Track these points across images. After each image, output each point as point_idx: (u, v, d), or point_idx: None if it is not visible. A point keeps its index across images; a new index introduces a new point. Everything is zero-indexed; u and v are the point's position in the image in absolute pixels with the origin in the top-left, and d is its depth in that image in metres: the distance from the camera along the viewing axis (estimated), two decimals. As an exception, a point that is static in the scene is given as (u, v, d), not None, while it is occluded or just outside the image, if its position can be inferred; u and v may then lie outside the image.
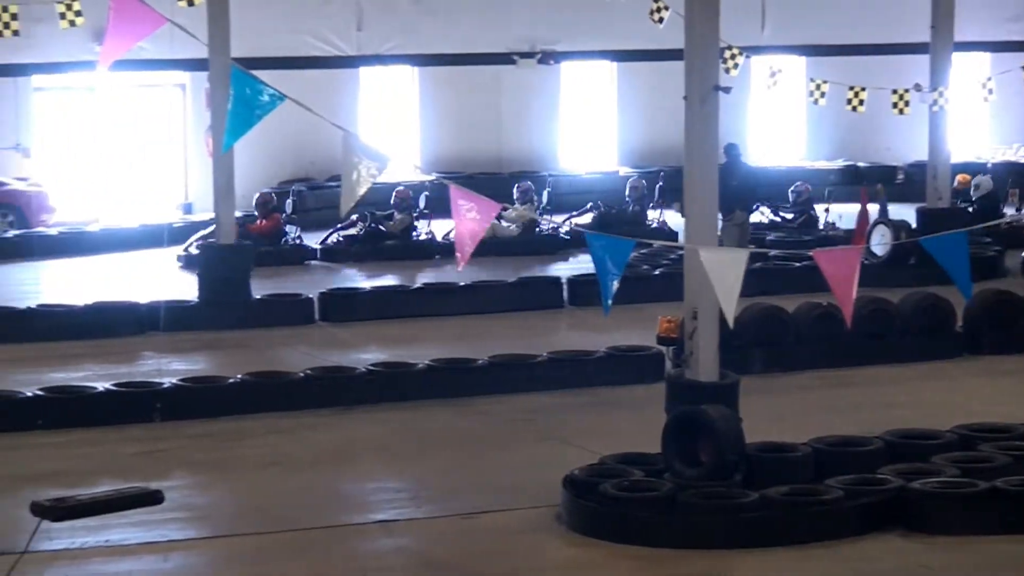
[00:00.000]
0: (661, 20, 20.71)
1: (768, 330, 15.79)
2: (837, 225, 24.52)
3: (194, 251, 22.05)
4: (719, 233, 13.67)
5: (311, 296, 19.02)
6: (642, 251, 21.26)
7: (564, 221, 24.79)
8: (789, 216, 25.28)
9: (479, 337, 17.30)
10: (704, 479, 10.72)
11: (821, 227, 24.67)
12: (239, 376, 14.55)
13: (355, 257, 23.64)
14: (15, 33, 19.51)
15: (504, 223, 24.17)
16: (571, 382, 15.00)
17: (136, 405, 13.84)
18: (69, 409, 13.67)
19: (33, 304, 18.67)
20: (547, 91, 30.79)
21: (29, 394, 13.81)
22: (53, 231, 25.43)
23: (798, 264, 19.60)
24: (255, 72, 9.69)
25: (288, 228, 23.97)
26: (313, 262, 23.52)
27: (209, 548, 10.51)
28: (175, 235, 24.57)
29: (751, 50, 22.10)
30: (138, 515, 10.43)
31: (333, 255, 23.85)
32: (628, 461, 11.26)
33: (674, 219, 23.82)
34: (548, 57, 29.87)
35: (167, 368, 15.86)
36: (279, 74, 20.03)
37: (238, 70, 9.68)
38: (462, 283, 19.52)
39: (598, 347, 15.62)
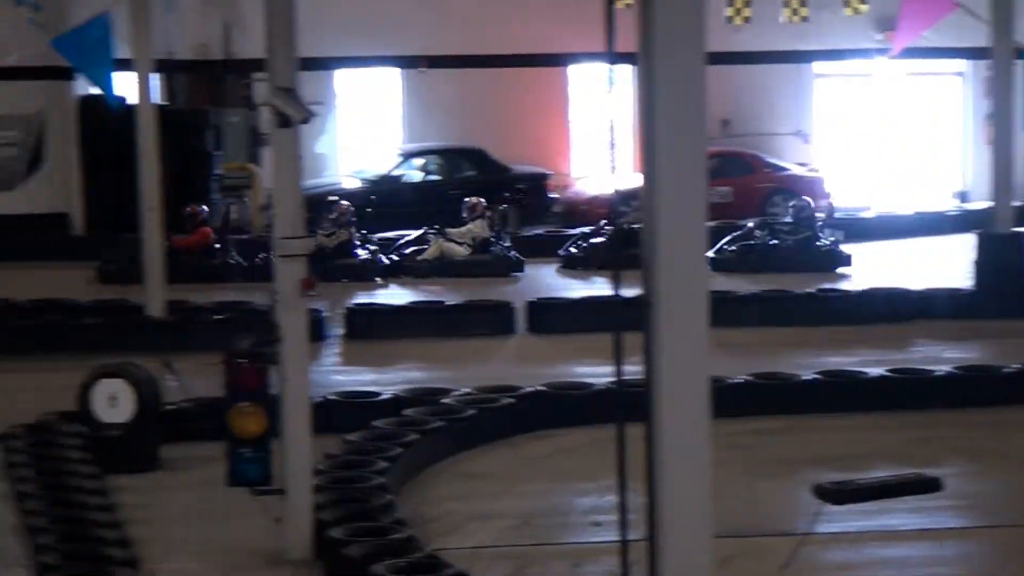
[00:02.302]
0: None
1: None
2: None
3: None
4: None
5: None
6: None
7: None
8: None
9: None
10: None
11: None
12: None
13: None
14: (804, 19, 20.01)
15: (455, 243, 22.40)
16: None
17: (910, 392, 13.91)
18: (844, 393, 13.90)
19: (812, 289, 19.16)
20: None
21: (810, 377, 14.18)
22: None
23: None
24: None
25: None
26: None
27: (985, 537, 10.42)
28: (952, 223, 24.44)
29: None
30: (914, 501, 10.44)
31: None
32: None
33: None
34: None
35: (941, 356, 15.82)
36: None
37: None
38: None
39: None
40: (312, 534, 9.54)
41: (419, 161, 28.14)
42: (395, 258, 22.60)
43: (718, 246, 22.39)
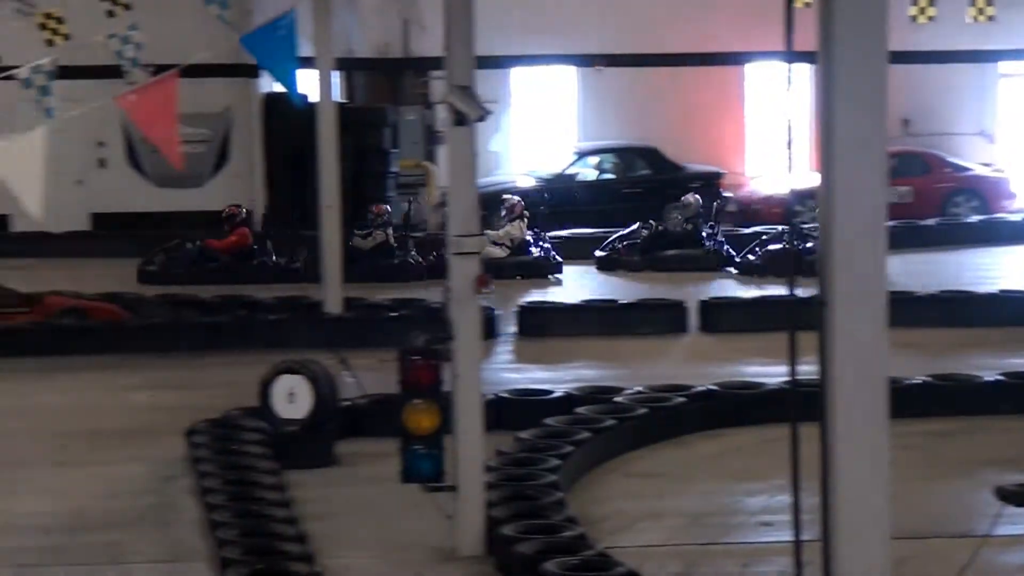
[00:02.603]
0: None
1: None
2: None
3: None
4: None
5: None
6: None
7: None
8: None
9: None
10: None
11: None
12: None
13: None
14: (990, 19, 19.66)
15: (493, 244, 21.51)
16: None
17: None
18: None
19: (995, 289, 18.80)
20: None
21: (990, 378, 13.91)
22: (1015, 217, 25.51)
23: None
24: None
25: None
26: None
27: None
28: None
29: None
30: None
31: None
32: None
33: None
34: None
35: None
36: None
37: None
38: None
39: None
40: (483, 531, 9.59)
41: (593, 160, 28.14)
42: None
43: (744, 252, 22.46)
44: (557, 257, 22.62)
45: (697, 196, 23.49)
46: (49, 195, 8.86)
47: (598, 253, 22.84)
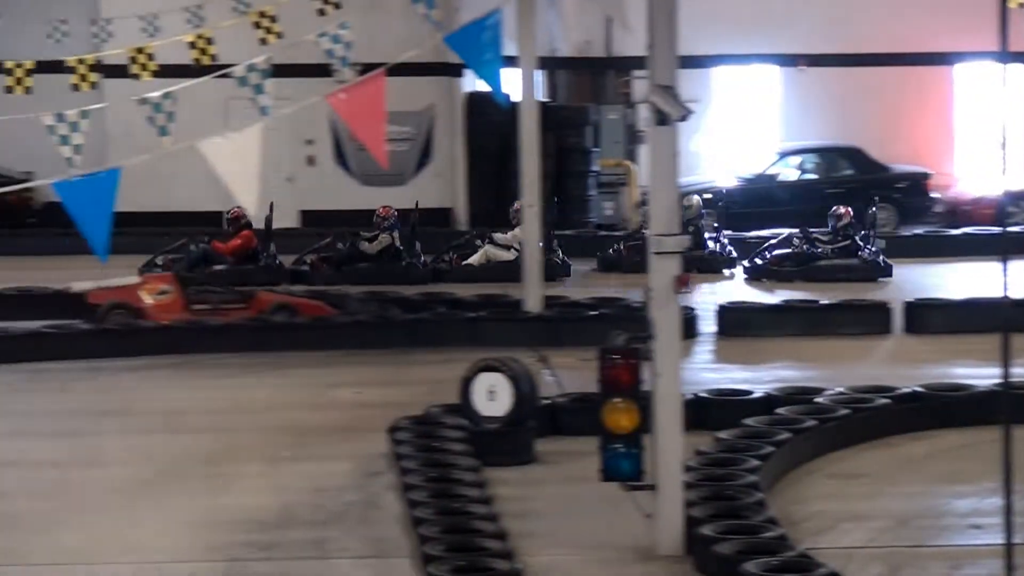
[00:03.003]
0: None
1: None
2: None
3: None
4: None
5: None
6: None
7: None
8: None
9: None
10: None
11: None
12: None
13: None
14: None
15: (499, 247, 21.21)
16: None
17: None
18: None
19: None
20: None
21: None
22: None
23: None
24: None
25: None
26: None
27: None
28: None
29: None
30: None
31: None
32: None
33: None
34: None
35: None
36: None
37: None
38: None
39: None
40: (683, 530, 9.57)
41: (795, 160, 27.90)
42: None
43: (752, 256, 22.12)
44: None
45: (698, 197, 23.17)
46: (262, 192, 9.05)
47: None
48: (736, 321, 17.70)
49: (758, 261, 22.21)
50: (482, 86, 24.03)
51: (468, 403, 12.01)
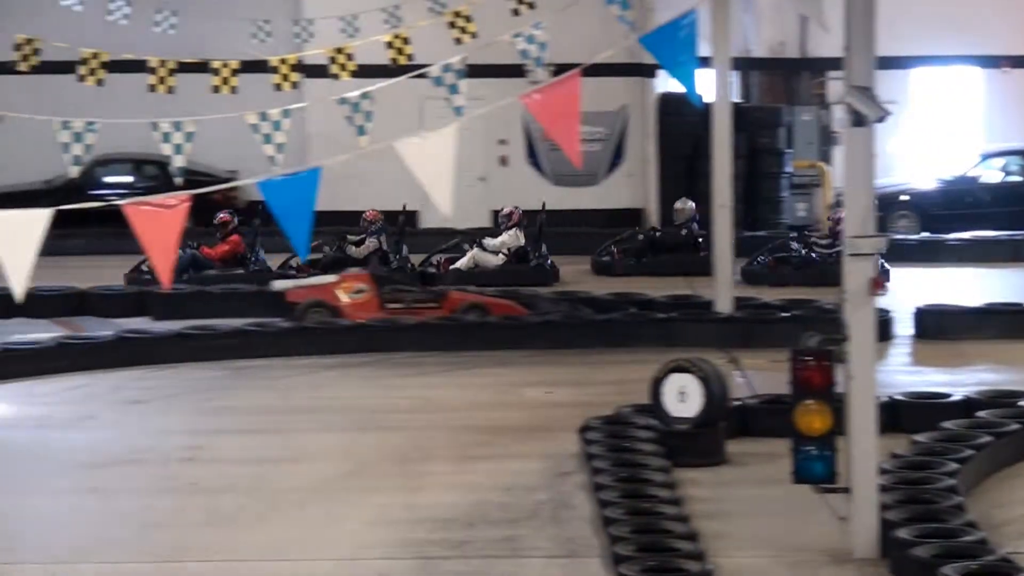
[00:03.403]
0: None
1: None
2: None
3: None
4: None
5: None
6: None
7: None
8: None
9: None
10: None
11: None
12: None
13: None
14: None
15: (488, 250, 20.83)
16: None
17: None
18: None
19: None
20: None
21: None
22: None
23: None
24: None
25: None
26: None
27: None
28: None
29: None
30: None
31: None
32: None
33: None
34: None
35: None
36: None
37: None
38: None
39: None
40: (878, 533, 9.46)
41: (998, 162, 27.38)
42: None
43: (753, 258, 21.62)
44: (554, 265, 22.23)
45: (690, 201, 22.81)
46: (455, 192, 9.14)
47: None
48: (935, 324, 17.42)
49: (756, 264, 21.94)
50: (675, 86, 23.93)
51: (659, 404, 12.00)
